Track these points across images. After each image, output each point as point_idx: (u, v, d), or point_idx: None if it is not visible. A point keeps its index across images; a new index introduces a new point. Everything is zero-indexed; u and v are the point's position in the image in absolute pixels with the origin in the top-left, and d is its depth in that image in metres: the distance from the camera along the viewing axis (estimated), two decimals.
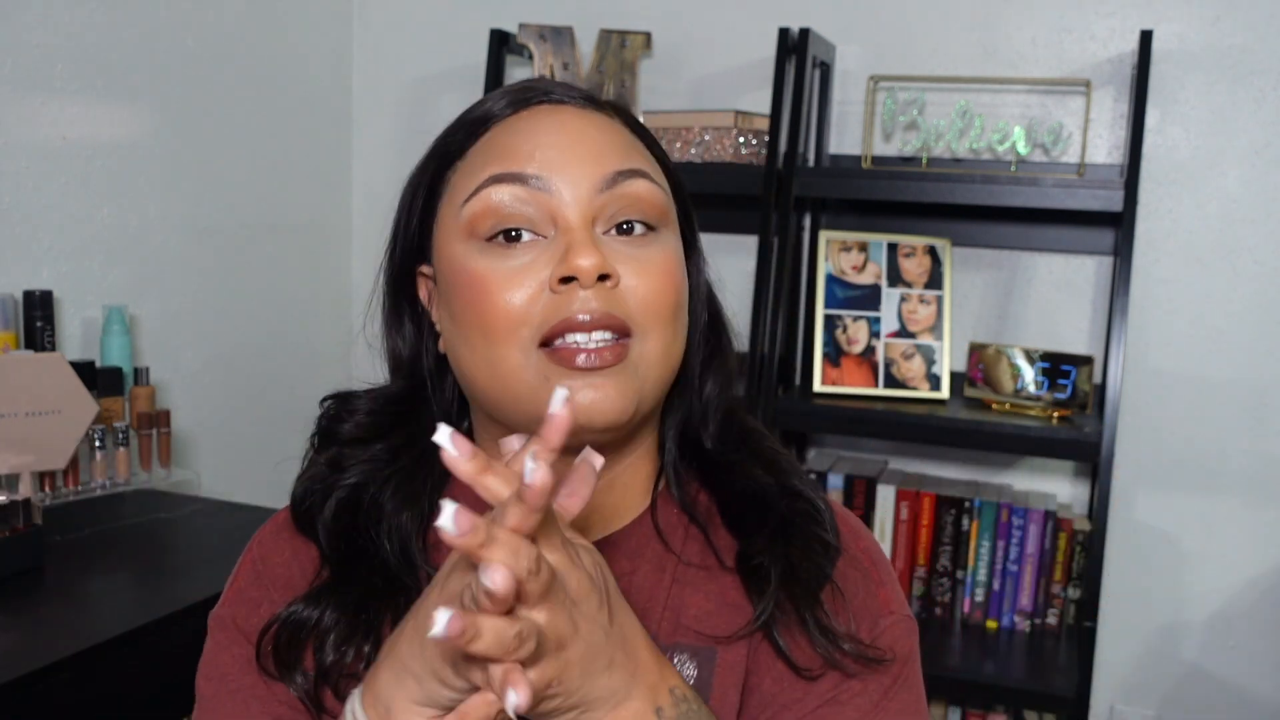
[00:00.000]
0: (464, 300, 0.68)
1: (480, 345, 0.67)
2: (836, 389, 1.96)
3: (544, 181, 0.67)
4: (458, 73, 2.35)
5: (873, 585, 0.74)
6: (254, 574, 0.76)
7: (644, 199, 0.69)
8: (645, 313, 0.67)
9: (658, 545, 0.74)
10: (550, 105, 0.71)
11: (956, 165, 2.00)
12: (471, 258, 0.68)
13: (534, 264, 0.66)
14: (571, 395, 0.62)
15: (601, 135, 0.70)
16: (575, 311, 0.65)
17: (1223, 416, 1.98)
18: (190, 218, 2.01)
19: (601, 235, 0.68)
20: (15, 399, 1.47)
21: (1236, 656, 2.02)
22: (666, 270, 0.69)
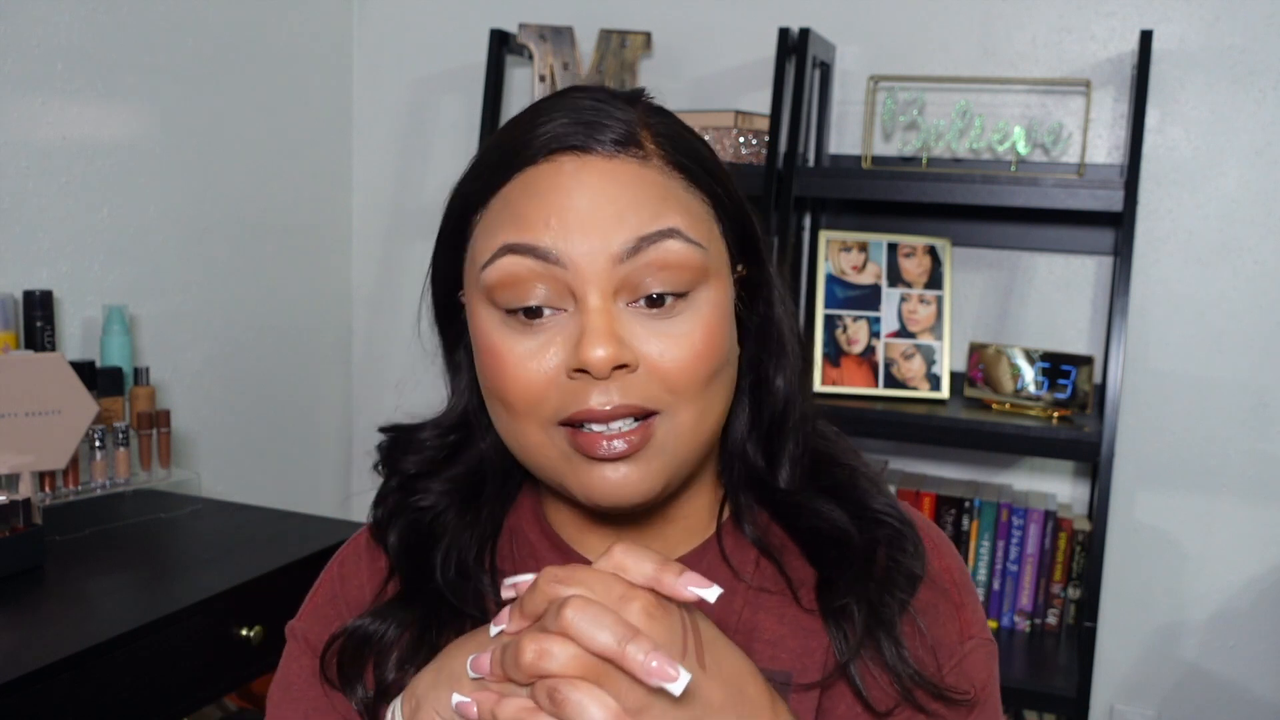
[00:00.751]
0: (486, 368, 0.66)
1: (503, 415, 0.66)
2: (836, 389, 1.96)
3: (559, 255, 0.62)
4: (458, 73, 2.35)
5: (953, 608, 0.73)
6: (332, 593, 0.77)
7: (672, 264, 0.63)
8: (673, 390, 0.63)
9: (726, 571, 0.72)
10: (574, 155, 0.64)
11: (956, 165, 2.00)
12: (493, 328, 0.65)
13: (551, 343, 0.63)
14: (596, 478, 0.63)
15: (627, 192, 0.63)
16: (592, 403, 0.62)
17: (1223, 416, 1.98)
18: (190, 218, 2.01)
19: (625, 307, 0.63)
20: (15, 399, 1.47)
21: (1236, 656, 2.02)
22: (696, 341, 0.64)
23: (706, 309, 0.65)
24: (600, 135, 0.64)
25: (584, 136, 0.64)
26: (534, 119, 0.66)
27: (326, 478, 2.45)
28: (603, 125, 0.64)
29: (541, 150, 0.64)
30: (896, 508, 0.74)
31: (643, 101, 0.69)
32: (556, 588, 0.54)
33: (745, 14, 2.15)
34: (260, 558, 1.49)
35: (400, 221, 2.45)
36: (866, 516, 0.73)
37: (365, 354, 2.51)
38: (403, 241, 2.46)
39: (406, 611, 0.71)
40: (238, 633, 1.40)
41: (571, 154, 0.64)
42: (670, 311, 0.64)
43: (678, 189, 0.65)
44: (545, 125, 0.65)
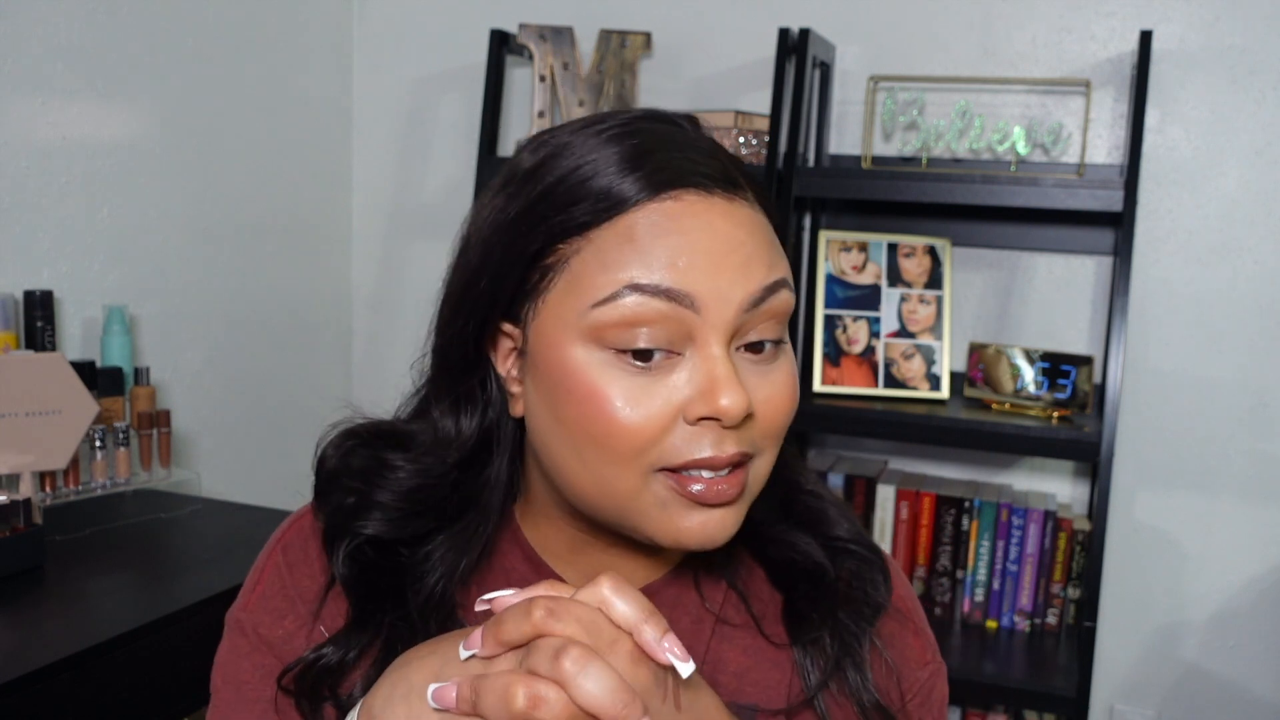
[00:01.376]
0: (581, 412, 0.61)
1: (593, 461, 0.62)
2: (836, 389, 1.96)
3: (691, 300, 0.59)
4: (458, 73, 2.35)
5: (909, 635, 0.75)
6: (279, 582, 0.74)
7: (781, 313, 0.63)
8: (767, 437, 0.64)
9: (695, 597, 0.73)
10: (697, 195, 0.61)
11: (956, 165, 2.00)
12: (595, 368, 0.61)
13: (665, 386, 0.61)
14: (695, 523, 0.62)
15: (750, 238, 0.62)
16: (710, 451, 0.61)
17: (1223, 416, 1.98)
18: (190, 218, 2.01)
19: (734, 352, 0.63)
20: (15, 399, 1.47)
21: (1236, 656, 2.02)
22: (790, 391, 0.65)
23: (789, 354, 0.66)
24: (715, 174, 0.62)
25: (704, 175, 0.62)
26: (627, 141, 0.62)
27: None
28: (715, 162, 0.63)
29: (661, 186, 0.61)
30: (863, 536, 0.75)
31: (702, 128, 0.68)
32: (549, 623, 0.52)
33: (745, 14, 2.15)
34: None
35: (400, 221, 2.45)
36: (835, 546, 0.73)
37: (365, 354, 2.51)
38: (403, 241, 2.46)
39: (365, 635, 0.69)
40: None
41: (692, 191, 0.61)
42: (770, 358, 0.64)
43: (771, 233, 0.65)
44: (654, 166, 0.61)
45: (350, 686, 0.69)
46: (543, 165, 0.64)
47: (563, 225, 0.62)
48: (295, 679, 0.69)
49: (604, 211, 0.61)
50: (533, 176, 0.64)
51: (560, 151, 0.64)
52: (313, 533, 0.75)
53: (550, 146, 0.65)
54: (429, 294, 0.71)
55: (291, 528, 0.77)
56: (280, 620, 0.73)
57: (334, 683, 0.69)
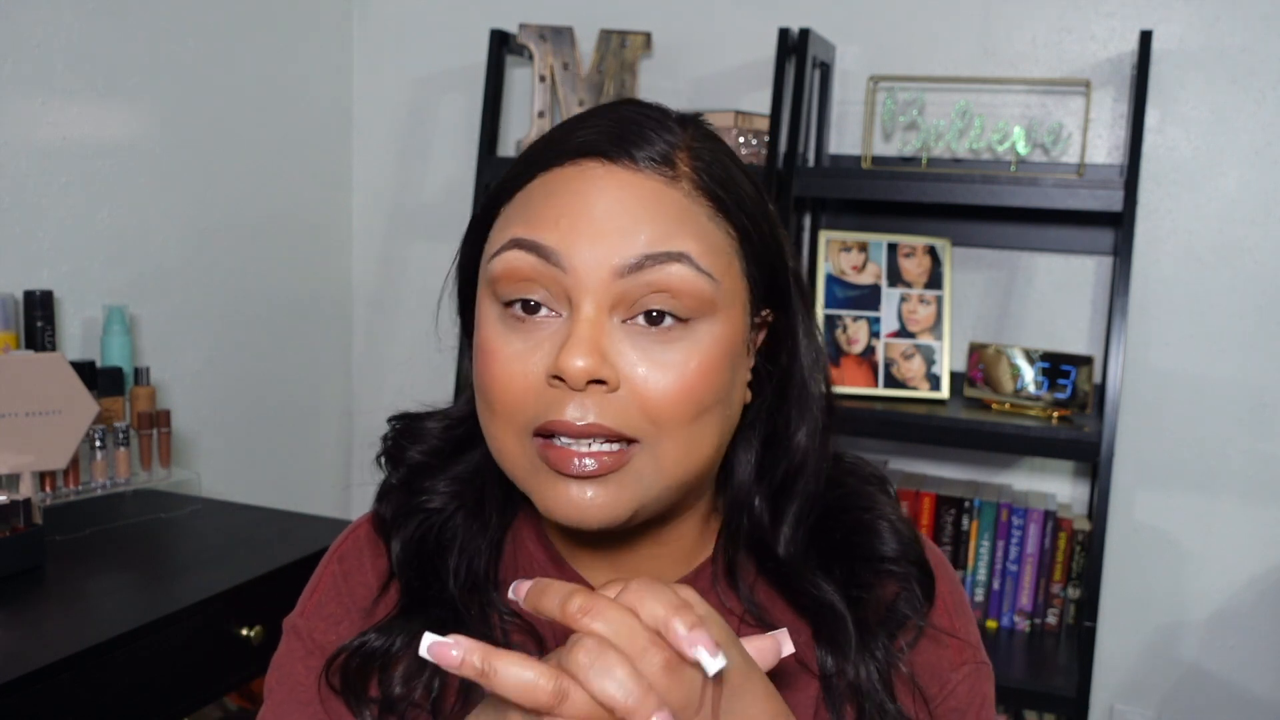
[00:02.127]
0: (477, 364, 0.65)
1: (486, 416, 0.65)
2: (836, 389, 1.95)
3: (560, 257, 0.61)
4: (458, 73, 2.35)
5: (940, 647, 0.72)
6: (335, 590, 0.76)
7: (676, 287, 0.61)
8: (654, 421, 0.61)
9: (714, 600, 0.71)
10: (600, 164, 0.62)
11: (956, 165, 2.00)
12: (489, 322, 0.64)
13: (539, 346, 0.62)
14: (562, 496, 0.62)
15: (643, 208, 0.61)
16: (567, 414, 0.60)
17: (1223, 416, 1.98)
18: (190, 218, 2.01)
19: (621, 323, 0.61)
20: (15, 399, 1.47)
21: (1236, 656, 2.02)
22: (687, 373, 0.61)
23: (707, 341, 0.62)
24: (633, 148, 0.63)
25: (615, 145, 0.63)
26: (579, 122, 0.66)
27: (326, 478, 2.45)
28: (640, 138, 0.63)
29: (571, 153, 0.63)
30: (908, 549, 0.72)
31: (696, 125, 0.67)
32: (581, 619, 0.51)
33: (745, 14, 2.15)
34: (260, 558, 1.49)
35: (400, 221, 2.45)
36: (874, 568, 0.71)
37: (365, 354, 2.51)
38: (403, 241, 2.46)
39: (411, 624, 0.70)
40: (238, 633, 1.40)
41: (598, 161, 0.63)
42: (666, 336, 0.61)
43: (700, 216, 0.63)
44: (583, 130, 0.64)
45: (392, 679, 0.69)
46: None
47: (499, 192, 0.67)
48: (341, 667, 0.70)
49: (520, 177, 0.65)
50: None
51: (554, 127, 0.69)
52: (368, 542, 0.77)
53: None
54: (429, 294, 0.74)
55: (348, 539, 0.78)
56: (335, 626, 0.74)
57: (378, 671, 0.70)
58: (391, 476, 0.76)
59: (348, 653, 0.70)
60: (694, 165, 0.64)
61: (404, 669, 0.69)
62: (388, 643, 0.70)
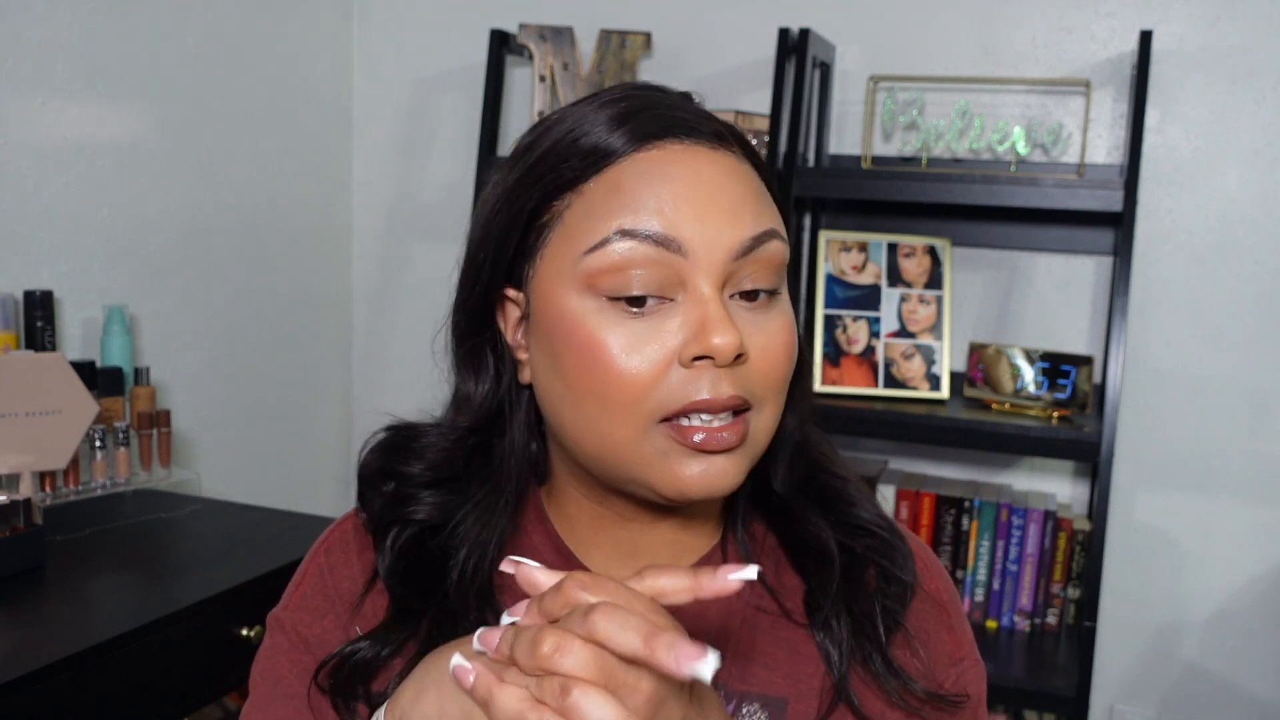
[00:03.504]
0: (579, 362, 0.63)
1: (593, 413, 0.63)
2: (836, 389, 1.96)
3: (679, 245, 0.61)
4: (458, 73, 2.35)
5: (945, 629, 0.74)
6: (319, 583, 0.75)
7: (774, 262, 0.64)
8: (766, 386, 0.64)
9: None
10: (681, 145, 0.64)
11: (956, 165, 2.00)
12: (590, 316, 0.62)
13: (661, 332, 0.62)
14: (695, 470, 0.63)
15: (736, 188, 0.63)
16: (706, 393, 0.61)
17: (1223, 416, 1.98)
18: (190, 218, 2.01)
19: (727, 299, 0.63)
20: (15, 399, 1.47)
21: (1236, 656, 2.02)
22: (787, 340, 0.65)
23: (787, 308, 0.67)
24: (699, 126, 0.65)
25: (687, 128, 0.64)
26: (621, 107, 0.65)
27: (326, 478, 2.45)
28: (696, 116, 0.65)
29: (645, 136, 0.63)
30: (886, 519, 0.75)
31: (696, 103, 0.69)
32: (582, 594, 0.52)
33: (745, 14, 2.15)
34: (260, 558, 1.49)
35: (400, 221, 2.45)
36: (855, 526, 0.73)
37: (365, 354, 2.51)
38: (403, 241, 2.46)
39: (403, 632, 0.70)
40: (238, 633, 1.40)
41: (676, 141, 0.64)
42: (765, 307, 0.65)
43: (763, 188, 0.66)
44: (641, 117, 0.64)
45: (383, 685, 0.69)
46: (539, 136, 0.68)
47: (554, 182, 0.64)
48: (330, 674, 0.70)
49: (592, 165, 0.64)
50: (530, 147, 0.68)
51: (555, 123, 0.67)
52: (354, 535, 0.76)
53: (547, 122, 0.69)
54: (429, 294, 0.74)
55: (334, 532, 0.78)
56: (319, 619, 0.74)
57: (367, 679, 0.70)
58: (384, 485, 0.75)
59: (338, 659, 0.70)
60: (737, 139, 0.67)
61: (397, 676, 0.69)
62: (379, 649, 0.70)
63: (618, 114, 0.64)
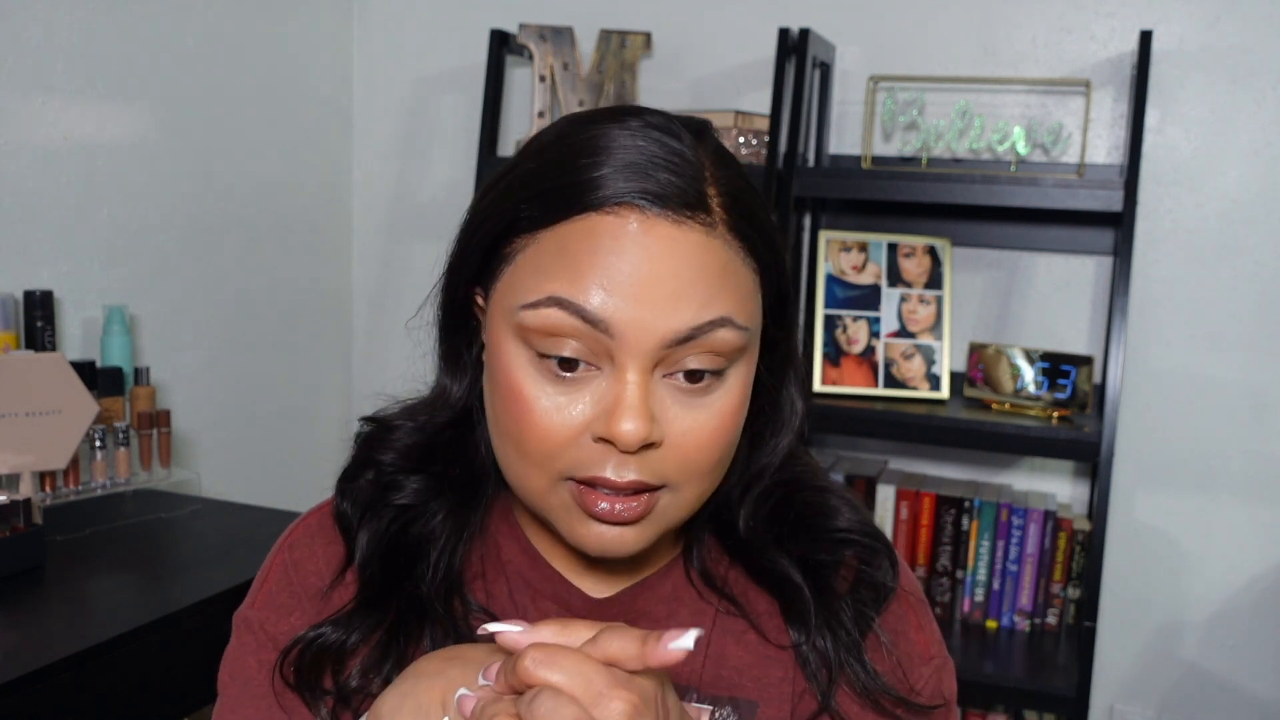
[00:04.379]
0: (504, 405, 0.63)
1: (512, 456, 0.64)
2: (836, 389, 1.96)
3: (608, 325, 0.59)
4: (458, 73, 2.35)
5: (911, 629, 0.74)
6: (285, 579, 0.75)
7: (718, 350, 0.61)
8: (684, 471, 0.63)
9: (692, 591, 0.73)
10: (641, 215, 0.60)
11: (956, 165, 2.00)
12: (519, 367, 0.62)
13: (579, 399, 0.61)
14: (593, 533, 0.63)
15: (687, 271, 0.60)
16: (609, 474, 0.61)
17: (1223, 416, 1.98)
18: (190, 218, 2.01)
19: (661, 378, 0.62)
20: (15, 399, 1.47)
21: (1236, 656, 2.02)
22: (724, 421, 0.63)
23: (737, 387, 0.64)
24: (670, 193, 0.60)
25: (653, 194, 0.60)
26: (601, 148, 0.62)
27: (326, 478, 2.43)
28: (673, 180, 0.61)
29: (607, 199, 0.60)
30: (866, 524, 0.75)
31: (708, 139, 0.65)
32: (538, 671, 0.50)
33: (745, 14, 2.15)
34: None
35: (400, 221, 2.45)
36: (833, 538, 0.74)
37: (365, 354, 2.51)
38: (403, 241, 2.46)
39: (370, 618, 0.70)
40: None
41: (637, 211, 0.60)
42: (705, 390, 0.62)
43: (736, 263, 0.62)
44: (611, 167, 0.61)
45: (348, 673, 0.69)
46: (528, 155, 0.66)
47: (515, 219, 0.63)
48: (295, 660, 0.70)
49: (549, 215, 0.61)
50: (515, 165, 0.66)
51: (544, 146, 0.65)
52: (319, 530, 0.76)
53: (559, 128, 0.66)
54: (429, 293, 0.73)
55: (298, 528, 0.78)
56: (286, 616, 0.74)
57: (333, 664, 0.70)
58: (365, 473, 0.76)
59: (302, 645, 0.70)
60: (724, 203, 0.62)
61: (361, 662, 0.69)
62: (344, 635, 0.70)
63: (590, 163, 0.61)
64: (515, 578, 0.74)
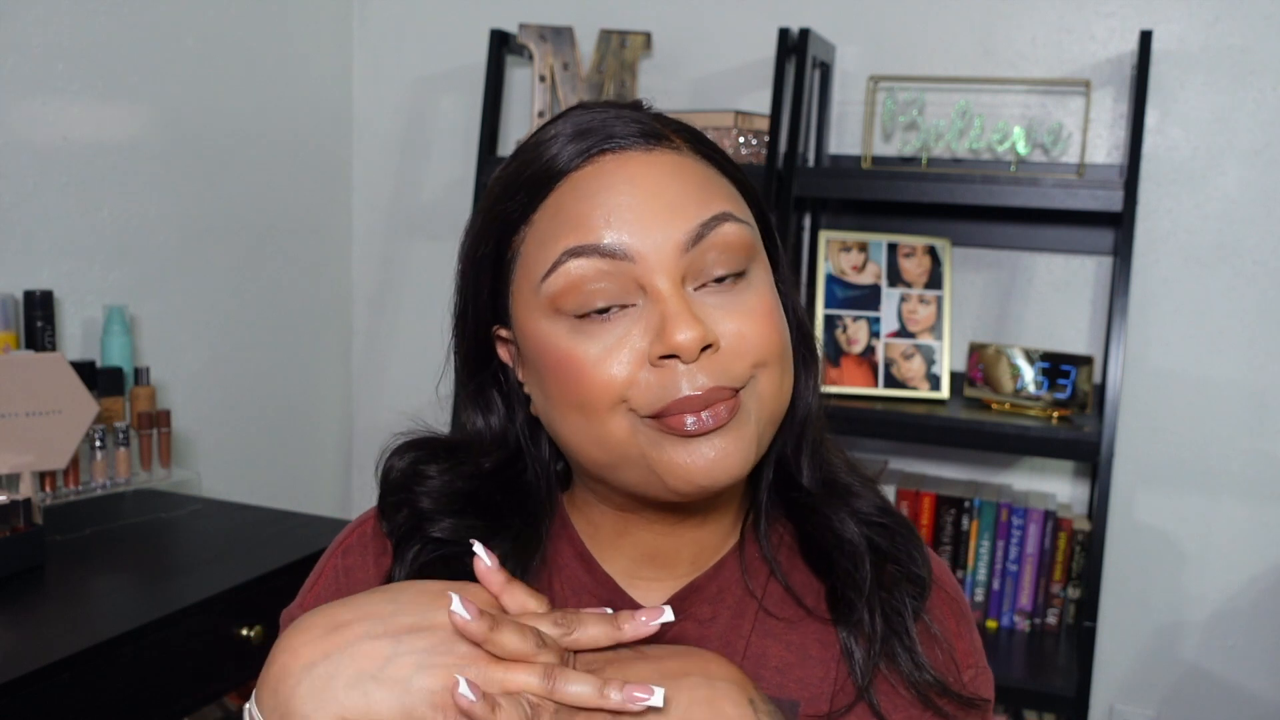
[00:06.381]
0: (558, 380, 0.64)
1: (582, 423, 0.64)
2: (836, 389, 1.96)
3: (625, 250, 0.62)
4: (458, 73, 2.35)
5: (963, 633, 0.75)
6: (335, 584, 0.75)
7: (731, 244, 0.64)
8: (755, 365, 0.64)
9: (739, 589, 0.73)
10: (613, 155, 0.65)
11: (956, 165, 2.00)
12: (560, 337, 0.64)
13: (628, 336, 0.63)
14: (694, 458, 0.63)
15: (674, 184, 0.64)
16: (683, 391, 0.61)
17: (1223, 416, 1.98)
18: (190, 218, 2.01)
19: (694, 292, 0.64)
20: (15, 399, 1.47)
21: (1236, 656, 2.02)
22: (765, 312, 0.65)
23: (764, 283, 0.67)
24: (631, 133, 0.65)
25: (616, 136, 0.65)
26: (552, 134, 0.66)
27: (326, 478, 2.45)
28: (628, 123, 0.66)
29: (577, 156, 0.65)
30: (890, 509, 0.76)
31: (635, 103, 0.70)
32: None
33: (745, 14, 2.15)
34: (260, 558, 1.49)
35: (400, 221, 2.45)
36: (860, 519, 0.74)
37: (365, 354, 2.51)
38: (403, 241, 2.46)
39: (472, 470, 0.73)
40: (238, 633, 1.40)
41: (608, 154, 0.65)
42: (736, 289, 0.65)
43: (713, 176, 0.67)
44: (574, 134, 0.65)
45: None
46: (494, 178, 0.70)
47: (505, 221, 0.67)
48: None
49: (534, 196, 0.66)
50: (488, 192, 0.70)
51: (507, 163, 0.69)
52: (373, 539, 0.76)
53: (504, 163, 0.70)
54: (429, 294, 0.75)
55: (353, 533, 0.78)
56: None
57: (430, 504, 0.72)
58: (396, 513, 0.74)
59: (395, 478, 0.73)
60: (683, 136, 0.67)
61: None
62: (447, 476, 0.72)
63: (549, 140, 0.66)
64: (569, 582, 0.73)
